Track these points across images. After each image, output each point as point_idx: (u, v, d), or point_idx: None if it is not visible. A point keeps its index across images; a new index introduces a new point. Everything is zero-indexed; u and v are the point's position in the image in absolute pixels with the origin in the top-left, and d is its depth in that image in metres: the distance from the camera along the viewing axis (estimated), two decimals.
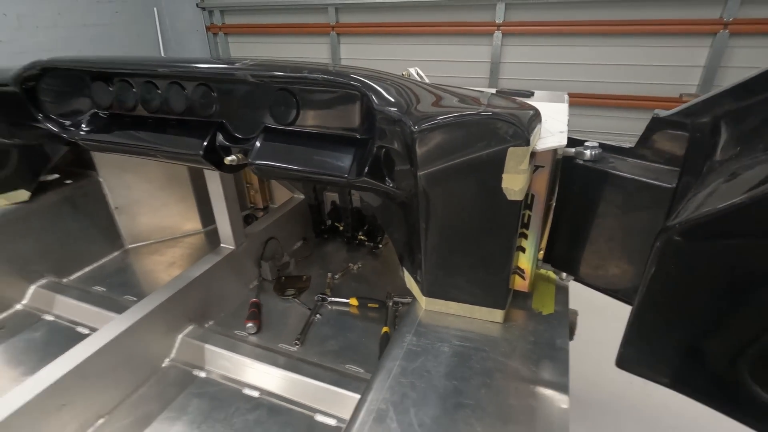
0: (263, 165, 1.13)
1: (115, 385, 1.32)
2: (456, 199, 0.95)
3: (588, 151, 0.99)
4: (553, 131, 0.99)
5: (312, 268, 2.02)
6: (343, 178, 1.05)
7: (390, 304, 1.70)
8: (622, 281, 1.06)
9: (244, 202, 2.45)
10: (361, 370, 1.43)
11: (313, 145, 1.11)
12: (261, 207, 2.47)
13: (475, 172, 0.89)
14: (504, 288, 1.05)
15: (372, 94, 0.97)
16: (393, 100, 0.96)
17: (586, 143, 1.00)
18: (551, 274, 1.22)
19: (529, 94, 1.44)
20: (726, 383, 0.69)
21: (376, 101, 0.96)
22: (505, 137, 0.83)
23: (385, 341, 1.50)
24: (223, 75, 1.15)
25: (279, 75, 1.06)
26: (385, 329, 1.58)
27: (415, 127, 0.88)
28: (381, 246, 2.15)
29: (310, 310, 1.72)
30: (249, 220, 2.24)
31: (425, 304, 1.13)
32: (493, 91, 1.43)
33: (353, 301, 1.75)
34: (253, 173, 1.14)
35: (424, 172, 0.93)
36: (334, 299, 1.78)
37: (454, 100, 1.02)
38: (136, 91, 1.29)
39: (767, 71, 0.70)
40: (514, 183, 0.87)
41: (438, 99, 1.03)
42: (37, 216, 1.83)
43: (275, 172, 1.16)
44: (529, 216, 1.04)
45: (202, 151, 1.20)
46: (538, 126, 0.95)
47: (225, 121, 1.22)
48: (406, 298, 1.70)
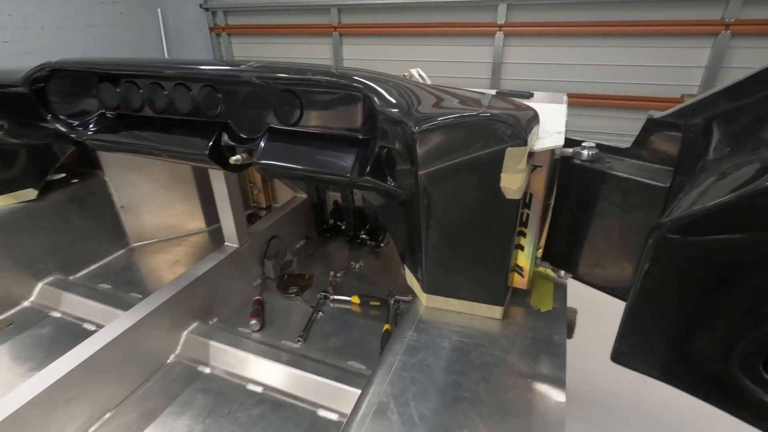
0: (267, 164, 1.15)
1: (121, 380, 1.34)
2: (456, 198, 0.97)
3: (585, 151, 1.01)
4: (551, 132, 1.01)
5: (314, 267, 2.04)
6: (346, 178, 1.07)
7: (391, 302, 1.72)
8: (619, 279, 1.07)
9: (248, 201, 2.47)
10: (363, 367, 1.45)
11: (316, 145, 1.13)
12: (264, 206, 2.50)
13: (474, 171, 0.91)
14: (503, 285, 1.07)
15: (374, 95, 0.99)
16: (394, 101, 0.98)
17: (584, 143, 1.02)
18: (550, 272, 1.24)
19: (529, 95, 1.46)
20: (717, 377, 0.71)
21: (377, 102, 0.99)
22: (504, 137, 0.86)
23: (387, 338, 1.52)
24: (229, 76, 1.17)
25: (283, 77, 1.09)
26: (386, 327, 1.60)
27: (415, 128, 0.90)
28: (383, 245, 2.17)
29: (312, 307, 1.75)
30: (252, 219, 2.26)
31: (426, 301, 1.15)
32: (493, 92, 1.45)
33: (355, 299, 1.77)
34: (258, 172, 1.17)
35: (424, 172, 0.95)
36: (336, 297, 1.80)
37: (454, 102, 1.04)
38: (142, 92, 1.31)
39: (756, 74, 0.72)
40: (513, 182, 0.89)
41: (438, 100, 1.05)
42: (44, 214, 1.86)
43: (279, 172, 1.18)
44: (527, 215, 1.06)
45: (207, 151, 1.22)
46: (536, 127, 0.97)
47: (230, 122, 1.24)
48: (408, 296, 1.72)
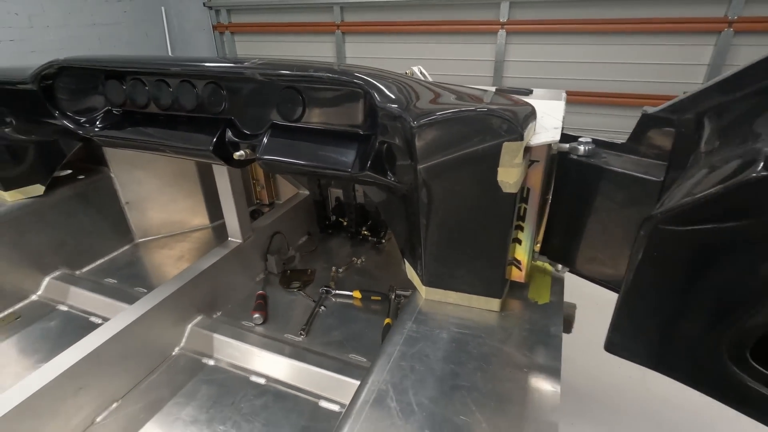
0: (271, 160, 1.17)
1: (127, 371, 1.37)
2: (454, 191, 0.99)
3: (582, 147, 1.03)
4: (547, 127, 1.03)
5: (316, 262, 2.06)
6: (347, 173, 1.09)
7: (392, 297, 1.75)
8: (615, 272, 1.09)
9: (251, 197, 2.50)
10: (364, 360, 1.48)
11: (318, 140, 1.15)
12: (267, 203, 2.53)
13: (472, 165, 0.93)
14: (501, 278, 1.09)
15: (374, 91, 1.01)
16: (394, 97, 1.01)
17: (580, 139, 1.04)
18: (547, 265, 1.26)
19: (528, 92, 1.48)
20: (707, 365, 0.73)
21: (378, 98, 1.01)
22: (500, 132, 0.88)
23: (388, 332, 1.55)
24: (233, 73, 1.20)
25: (286, 73, 1.11)
26: (387, 320, 1.63)
27: (414, 123, 0.92)
28: (384, 241, 2.20)
29: (314, 302, 1.77)
30: (255, 215, 2.29)
31: (425, 293, 1.18)
32: (493, 89, 1.47)
33: (356, 294, 1.80)
34: (261, 168, 1.19)
35: (423, 166, 0.97)
36: (338, 292, 1.82)
37: (452, 97, 1.06)
38: (148, 89, 1.34)
39: (744, 70, 0.73)
40: (509, 176, 0.91)
41: (437, 96, 1.07)
42: (51, 210, 1.89)
43: (282, 167, 1.20)
44: (525, 209, 1.08)
45: (211, 147, 1.25)
46: (533, 122, 0.99)
47: (234, 118, 1.27)
48: (408, 291, 1.74)
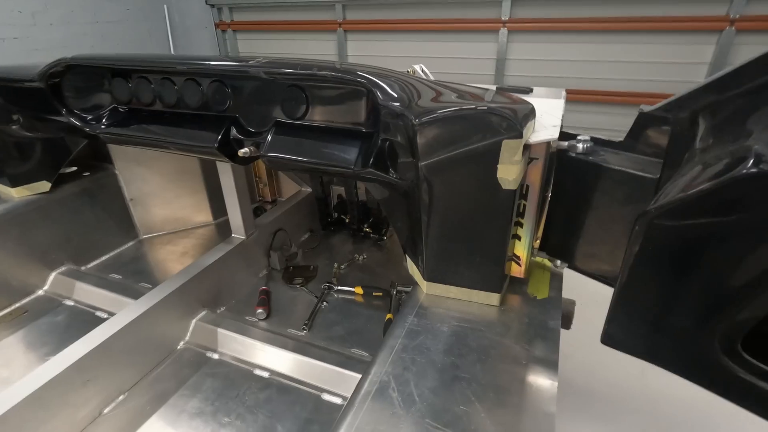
0: (275, 157, 1.19)
1: (134, 364, 1.40)
2: (455, 188, 1.01)
3: (580, 145, 1.05)
4: (547, 125, 1.05)
5: (319, 259, 2.09)
6: (350, 170, 1.12)
7: (394, 293, 1.77)
8: (612, 268, 1.11)
9: (254, 195, 2.53)
10: (366, 354, 1.50)
11: (321, 138, 1.17)
12: (269, 200, 2.55)
13: (472, 162, 0.96)
14: (500, 273, 1.11)
15: (377, 90, 1.03)
16: (396, 95, 1.03)
17: (579, 137, 1.06)
18: (546, 261, 1.28)
19: (528, 91, 1.49)
20: (699, 356, 0.75)
21: (380, 96, 1.03)
22: (500, 130, 0.90)
23: (389, 327, 1.57)
24: (238, 72, 1.22)
25: (290, 72, 1.13)
26: (388, 316, 1.65)
27: (416, 120, 0.95)
28: (385, 238, 2.22)
29: (317, 297, 1.79)
30: (258, 212, 2.31)
31: (426, 288, 1.20)
32: (494, 88, 1.49)
33: (358, 290, 1.82)
34: (266, 165, 1.22)
35: (425, 163, 0.99)
36: (340, 288, 1.84)
37: (453, 96, 1.08)
38: (154, 87, 1.36)
39: (737, 69, 0.75)
40: (509, 173, 0.93)
41: (438, 94, 1.09)
42: (57, 206, 1.92)
43: (286, 164, 1.22)
44: (524, 206, 1.10)
45: (216, 144, 1.27)
46: (532, 120, 1.01)
47: (238, 116, 1.29)
48: (409, 287, 1.76)
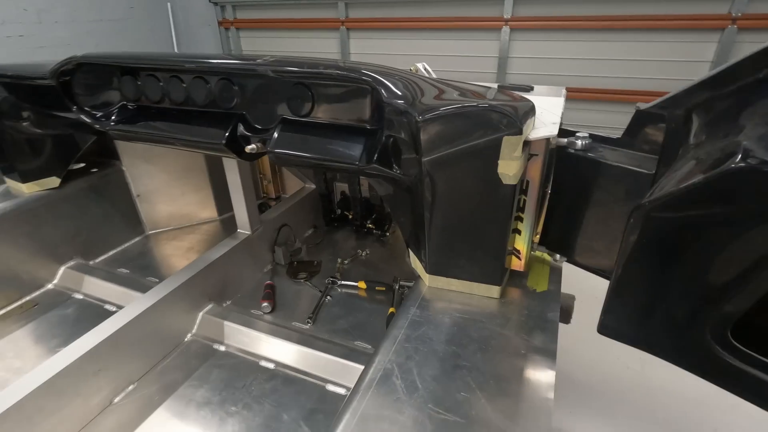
0: (281, 153, 1.22)
1: (143, 355, 1.43)
2: (457, 183, 1.04)
3: (579, 141, 1.08)
4: (546, 122, 1.08)
5: (322, 254, 2.12)
6: (354, 165, 1.15)
7: (396, 287, 1.80)
8: (610, 261, 1.14)
9: (258, 192, 2.56)
10: (369, 346, 1.53)
11: (326, 135, 1.20)
12: (273, 197, 2.58)
13: (473, 158, 0.98)
14: (501, 266, 1.14)
15: (381, 88, 1.06)
16: (400, 93, 1.06)
17: (578, 134, 1.09)
18: (546, 255, 1.31)
19: (529, 89, 1.52)
20: (691, 344, 0.78)
21: (385, 94, 1.06)
22: (500, 127, 0.93)
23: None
24: (246, 70, 1.25)
25: (297, 70, 1.16)
26: (391, 310, 1.68)
27: (419, 117, 0.97)
28: (388, 234, 2.25)
29: (321, 292, 1.83)
30: (262, 208, 2.35)
31: (429, 281, 1.23)
32: (496, 86, 1.52)
33: (361, 284, 1.85)
34: (272, 161, 1.25)
35: (427, 159, 1.02)
36: (343, 282, 1.88)
37: (455, 93, 1.11)
38: (162, 84, 1.39)
39: (730, 67, 0.78)
40: (509, 169, 0.96)
41: (440, 92, 1.12)
42: (65, 202, 1.96)
43: (292, 160, 1.26)
44: (524, 201, 1.13)
45: (224, 141, 1.30)
46: (532, 117, 1.03)
47: (245, 113, 1.32)
48: (411, 282, 1.79)
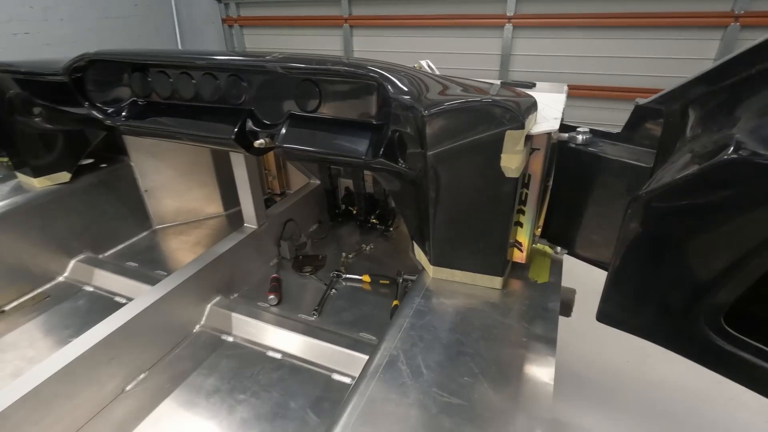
0: (289, 148, 1.26)
1: (154, 345, 1.47)
2: (461, 176, 1.07)
3: (580, 136, 1.11)
4: (548, 118, 1.11)
5: (327, 249, 2.15)
6: (361, 160, 1.18)
7: (400, 281, 1.83)
8: (610, 254, 1.17)
9: (263, 187, 2.59)
10: (374, 338, 1.56)
11: (333, 130, 1.23)
12: (278, 192, 2.62)
13: (477, 152, 1.01)
14: (503, 258, 1.17)
15: (388, 84, 1.09)
16: (406, 89, 1.09)
17: (578, 129, 1.12)
18: (547, 248, 1.34)
19: (531, 85, 1.55)
20: (686, 331, 0.81)
21: (391, 90, 1.09)
22: (503, 121, 0.96)
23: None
24: (255, 67, 1.28)
25: (306, 67, 1.19)
26: (395, 302, 1.71)
27: (425, 112, 1.01)
28: (392, 229, 2.28)
29: (326, 285, 1.86)
30: (268, 204, 2.38)
31: (432, 272, 1.26)
32: (499, 82, 1.54)
33: (366, 278, 1.88)
34: (280, 156, 1.28)
35: (432, 152, 1.05)
36: (348, 276, 1.91)
37: (459, 89, 1.14)
38: (172, 81, 1.42)
39: (724, 63, 0.80)
40: (511, 162, 0.99)
41: (445, 88, 1.15)
42: (75, 196, 1.99)
43: (300, 155, 1.29)
44: (526, 194, 1.16)
45: (233, 136, 1.33)
46: (534, 113, 1.06)
47: (253, 109, 1.35)
48: (415, 276, 1.83)
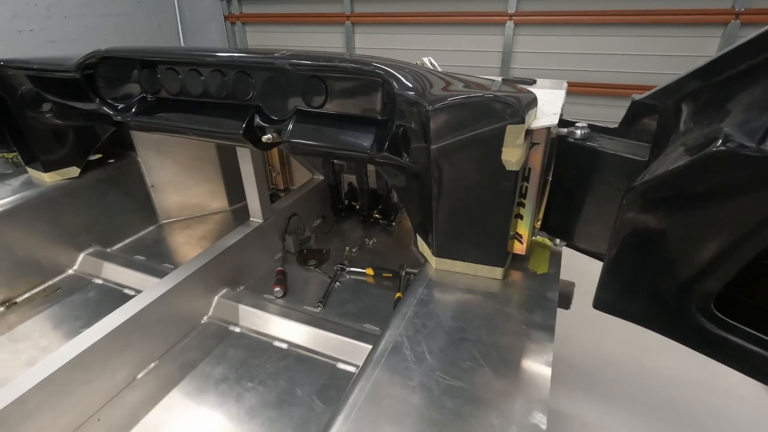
0: (297, 143, 1.29)
1: (163, 335, 1.51)
2: (463, 170, 1.11)
3: (578, 131, 1.14)
4: (547, 113, 1.14)
5: (331, 243, 2.19)
6: (366, 154, 1.21)
7: (402, 274, 1.87)
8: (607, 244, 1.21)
9: (267, 183, 2.63)
10: (377, 329, 1.61)
11: (339, 125, 1.27)
12: (282, 188, 2.66)
13: (479, 145, 1.05)
14: (503, 249, 1.21)
15: (393, 80, 1.13)
16: (411, 85, 1.12)
17: (577, 124, 1.15)
18: (547, 240, 1.37)
19: (532, 82, 1.58)
20: (679, 316, 0.85)
21: (396, 86, 1.12)
22: (504, 116, 0.99)
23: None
24: (263, 64, 1.31)
25: (313, 64, 1.22)
26: (398, 294, 1.76)
27: (429, 107, 1.04)
28: (394, 224, 2.32)
29: (330, 278, 1.90)
30: (272, 199, 2.41)
31: (435, 263, 1.30)
32: (500, 79, 1.58)
33: (369, 271, 1.92)
34: (287, 150, 1.31)
35: (436, 146, 1.09)
36: (351, 269, 1.95)
37: (461, 85, 1.17)
38: (181, 77, 1.46)
39: (715, 59, 0.84)
40: (512, 156, 1.03)
41: (448, 84, 1.18)
42: (84, 191, 2.04)
43: (306, 149, 1.32)
44: (526, 187, 1.20)
45: (242, 131, 1.37)
46: (534, 108, 1.10)
47: (261, 105, 1.39)
48: (417, 269, 1.87)
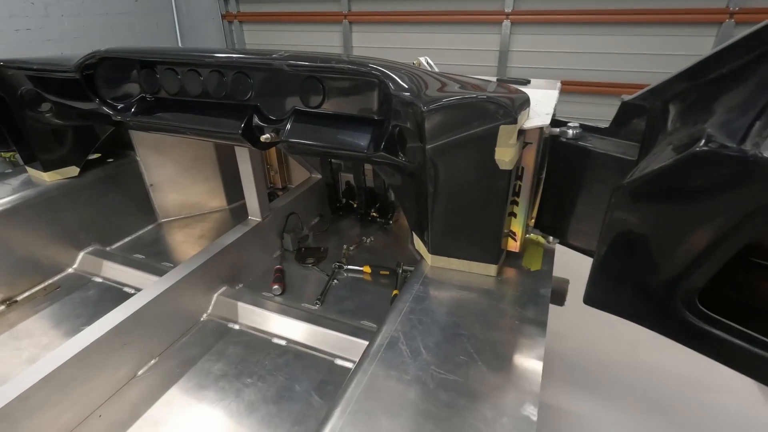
0: (295, 142, 1.31)
1: (163, 332, 1.53)
2: (458, 169, 1.13)
3: (570, 131, 1.17)
4: (540, 113, 1.17)
5: (329, 241, 2.21)
6: (363, 153, 1.24)
7: (400, 272, 1.90)
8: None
9: (265, 182, 2.65)
10: (374, 326, 1.63)
11: (336, 125, 1.29)
12: (280, 187, 2.68)
13: (473, 145, 1.07)
14: (497, 246, 1.23)
15: (389, 81, 1.15)
16: (406, 86, 1.14)
17: (569, 124, 1.18)
18: (540, 238, 1.40)
19: (526, 82, 1.60)
20: (666, 311, 0.87)
21: (392, 87, 1.14)
22: (497, 116, 1.01)
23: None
24: (262, 64, 1.33)
25: (310, 65, 1.24)
26: (395, 292, 1.78)
27: (424, 108, 1.06)
28: (391, 222, 2.34)
29: (328, 276, 1.92)
30: (270, 198, 2.43)
31: (431, 261, 1.33)
32: (494, 79, 1.60)
33: (366, 269, 1.94)
34: (285, 150, 1.33)
35: (431, 146, 1.11)
36: (349, 267, 1.97)
37: (456, 86, 1.19)
38: (180, 78, 1.48)
39: (702, 61, 0.86)
40: (505, 155, 1.05)
41: (443, 85, 1.21)
42: (84, 190, 2.05)
43: (304, 149, 1.35)
44: (519, 186, 1.22)
45: (240, 131, 1.39)
46: (527, 108, 1.12)
47: (259, 105, 1.41)
48: (414, 267, 1.89)
